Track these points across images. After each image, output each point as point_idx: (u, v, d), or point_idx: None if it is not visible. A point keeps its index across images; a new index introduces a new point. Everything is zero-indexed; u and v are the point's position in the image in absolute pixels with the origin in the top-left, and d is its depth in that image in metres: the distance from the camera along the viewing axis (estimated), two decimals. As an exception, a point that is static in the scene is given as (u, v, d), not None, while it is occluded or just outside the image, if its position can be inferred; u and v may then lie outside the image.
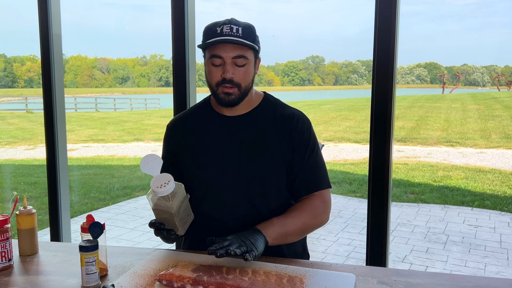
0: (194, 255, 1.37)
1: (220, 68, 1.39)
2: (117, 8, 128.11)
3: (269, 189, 1.45)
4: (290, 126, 1.47)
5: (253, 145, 1.45)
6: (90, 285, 1.21)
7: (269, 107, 1.51)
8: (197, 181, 1.47)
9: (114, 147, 11.76)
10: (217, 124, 1.49)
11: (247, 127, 1.47)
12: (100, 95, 36.86)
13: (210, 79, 1.42)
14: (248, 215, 1.44)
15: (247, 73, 1.41)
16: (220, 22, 1.38)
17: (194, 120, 1.54)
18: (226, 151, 1.46)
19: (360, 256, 4.30)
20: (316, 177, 1.48)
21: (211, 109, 1.53)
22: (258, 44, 1.44)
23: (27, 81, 45.15)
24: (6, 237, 1.38)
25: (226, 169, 1.45)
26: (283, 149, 1.45)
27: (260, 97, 1.53)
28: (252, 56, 1.42)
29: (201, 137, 1.50)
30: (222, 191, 1.45)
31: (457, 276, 1.29)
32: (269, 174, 1.44)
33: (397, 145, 10.86)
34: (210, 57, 1.40)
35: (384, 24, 1.87)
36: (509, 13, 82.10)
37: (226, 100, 1.41)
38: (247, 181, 1.44)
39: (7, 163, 9.70)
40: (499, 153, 9.85)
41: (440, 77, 44.40)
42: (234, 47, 1.36)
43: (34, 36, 2.69)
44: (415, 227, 5.28)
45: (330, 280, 1.21)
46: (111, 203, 6.42)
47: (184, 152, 1.51)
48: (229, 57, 1.37)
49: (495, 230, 5.18)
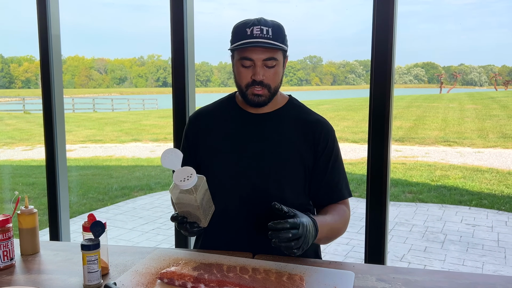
0: (195, 254, 1.38)
1: (250, 70, 1.38)
2: (115, 8, 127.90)
3: (285, 187, 1.45)
4: (314, 132, 1.47)
5: (273, 143, 1.45)
6: (92, 283, 1.22)
7: (294, 109, 1.51)
8: (214, 174, 1.47)
9: (112, 147, 11.75)
10: (241, 120, 1.49)
11: (270, 125, 1.47)
12: (98, 96, 36.81)
13: (239, 80, 1.41)
14: (262, 211, 1.43)
15: (277, 74, 1.41)
16: (250, 23, 1.37)
17: (218, 114, 1.54)
18: (246, 146, 1.46)
19: (358, 256, 4.31)
20: (341, 186, 1.49)
21: (236, 105, 1.52)
22: (287, 43, 1.43)
23: (24, 81, 45.07)
24: (7, 236, 1.39)
25: (244, 163, 1.45)
26: (304, 152, 1.45)
27: (285, 99, 1.53)
28: (281, 57, 1.41)
29: (223, 131, 1.50)
30: (238, 185, 1.45)
31: (454, 274, 1.30)
32: (286, 173, 1.44)
33: (395, 144, 10.89)
34: (240, 58, 1.38)
35: (382, 24, 1.88)
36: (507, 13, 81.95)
37: (255, 101, 1.41)
38: (264, 177, 1.44)
39: (5, 164, 9.68)
40: (496, 152, 9.88)
41: (437, 77, 44.49)
42: (265, 49, 1.35)
43: (31, 36, 2.70)
44: (413, 227, 5.30)
45: (329, 278, 1.22)
46: (109, 203, 6.42)
47: (204, 145, 1.51)
48: (260, 60, 1.36)
49: (493, 229, 5.21)
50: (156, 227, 5.24)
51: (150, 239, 4.87)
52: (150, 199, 6.59)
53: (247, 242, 1.44)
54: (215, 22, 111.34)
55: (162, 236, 4.96)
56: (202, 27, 7.76)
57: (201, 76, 48.65)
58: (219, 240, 1.49)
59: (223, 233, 1.48)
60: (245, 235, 1.45)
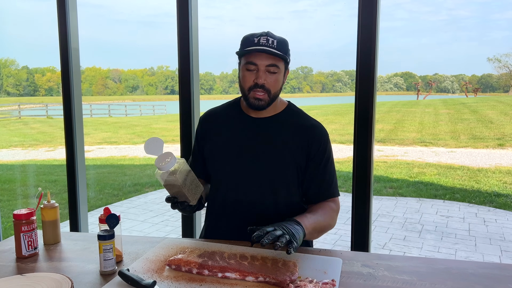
0: (200, 243, 1.38)
1: (253, 74, 1.38)
2: (128, 24, 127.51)
3: (279, 186, 1.44)
4: (308, 136, 1.45)
5: (270, 145, 1.44)
6: (108, 269, 1.22)
7: (292, 115, 1.50)
8: (216, 171, 1.47)
9: (126, 148, 11.72)
10: (243, 123, 1.48)
11: (268, 128, 1.46)
12: (113, 102, 36.70)
13: (243, 83, 1.41)
14: (257, 207, 1.44)
15: (277, 81, 1.40)
16: (258, 34, 1.37)
17: (224, 116, 1.54)
18: (245, 147, 1.45)
19: (345, 244, 4.31)
20: (330, 185, 1.47)
21: (240, 109, 1.51)
22: (289, 56, 1.43)
23: (47, 90, 44.96)
24: (32, 228, 1.38)
25: (243, 162, 1.44)
26: (298, 154, 1.43)
27: (284, 105, 1.52)
28: (283, 67, 1.41)
29: (227, 132, 1.49)
30: (237, 182, 1.45)
31: (431, 260, 1.30)
32: (280, 172, 1.43)
33: (377, 145, 10.89)
34: (245, 63, 1.38)
35: (365, 38, 1.88)
36: (476, 28, 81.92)
37: (256, 105, 1.40)
38: (260, 175, 1.43)
39: (30, 163, 9.64)
40: (467, 152, 9.90)
41: (415, 85, 44.51)
42: (268, 56, 1.36)
43: (53, 49, 2.69)
44: (394, 218, 5.31)
45: (320, 264, 1.22)
46: (123, 198, 6.40)
47: (209, 144, 1.51)
48: (263, 65, 1.36)
49: (464, 220, 5.22)
50: (165, 219, 5.23)
51: (160, 230, 4.86)
52: (160, 194, 6.57)
53: (246, 232, 1.44)
54: (217, 36, 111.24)
55: (171, 227, 4.94)
56: (206, 41, 7.69)
57: (205, 85, 48.58)
58: (220, 231, 1.48)
59: (224, 225, 1.48)
60: (244, 226, 1.45)
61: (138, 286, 1.09)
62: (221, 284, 1.12)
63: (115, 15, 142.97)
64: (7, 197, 6.40)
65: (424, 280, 1.15)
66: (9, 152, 11.13)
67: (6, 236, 2.08)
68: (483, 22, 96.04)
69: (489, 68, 51.93)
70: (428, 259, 1.31)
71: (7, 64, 37.70)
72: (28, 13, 55.79)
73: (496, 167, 8.23)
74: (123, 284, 1.12)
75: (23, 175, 8.50)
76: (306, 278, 1.12)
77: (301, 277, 1.14)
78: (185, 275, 1.17)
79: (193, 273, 1.17)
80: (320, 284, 1.07)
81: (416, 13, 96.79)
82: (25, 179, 8.05)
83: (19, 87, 40.71)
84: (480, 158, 9.10)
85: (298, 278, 1.12)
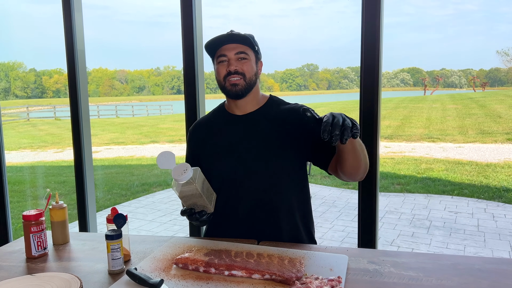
0: (206, 241, 1.39)
1: (225, 64, 1.43)
2: (134, 25, 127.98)
3: (278, 174, 1.44)
4: (295, 115, 1.46)
5: (259, 136, 1.46)
6: (116, 268, 1.23)
7: (274, 105, 1.53)
8: (214, 174, 1.48)
9: (133, 148, 11.79)
10: (230, 123, 1.51)
11: (256, 123, 1.48)
12: (120, 103, 36.91)
13: (218, 76, 1.45)
14: (259, 204, 1.44)
15: (250, 66, 1.44)
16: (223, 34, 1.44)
17: (212, 122, 1.57)
18: (237, 146, 1.47)
19: (353, 241, 4.30)
20: None
21: (225, 111, 1.55)
22: (257, 47, 1.47)
23: (54, 91, 45.32)
24: (41, 228, 1.40)
25: (238, 161, 1.45)
26: (289, 138, 1.44)
27: (266, 98, 1.55)
28: (253, 55, 1.45)
29: (218, 135, 1.52)
30: (234, 182, 1.46)
31: (437, 255, 1.30)
32: (276, 161, 1.44)
33: (384, 141, 10.84)
34: (216, 58, 1.45)
35: (369, 34, 1.88)
36: (483, 22, 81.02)
37: (233, 91, 1.43)
38: (257, 168, 1.44)
39: (39, 164, 9.74)
40: (475, 147, 9.82)
41: (422, 81, 44.24)
42: (235, 46, 1.42)
43: (60, 51, 2.71)
44: (402, 214, 5.28)
45: (326, 261, 1.22)
46: (131, 198, 6.44)
47: (204, 150, 1.53)
48: (232, 54, 1.42)
49: (473, 216, 5.18)
50: (172, 219, 5.25)
51: (168, 229, 4.89)
52: (167, 193, 6.61)
53: (251, 230, 1.45)
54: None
55: (178, 226, 4.97)
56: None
57: (211, 84, 48.59)
58: (226, 229, 1.49)
59: (228, 223, 1.49)
60: (249, 224, 1.45)
61: (146, 284, 1.10)
62: (228, 282, 1.12)
63: (120, 16, 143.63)
64: (17, 199, 6.47)
65: (430, 276, 1.15)
66: (18, 154, 11.24)
67: (17, 237, 2.10)
68: (491, 15, 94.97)
69: (497, 62, 51.42)
70: (434, 255, 1.30)
71: (15, 67, 38.07)
72: (34, 17, 56.20)
73: (505, 162, 8.16)
74: (131, 283, 1.13)
75: (32, 177, 8.59)
76: (312, 275, 1.13)
77: (307, 274, 1.14)
78: (192, 273, 1.18)
79: (200, 272, 1.18)
80: (326, 281, 1.08)
81: (423, 8, 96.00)
82: (34, 181, 8.13)
83: (27, 89, 41.11)
84: (489, 153, 9.02)
85: (304, 275, 1.13)
